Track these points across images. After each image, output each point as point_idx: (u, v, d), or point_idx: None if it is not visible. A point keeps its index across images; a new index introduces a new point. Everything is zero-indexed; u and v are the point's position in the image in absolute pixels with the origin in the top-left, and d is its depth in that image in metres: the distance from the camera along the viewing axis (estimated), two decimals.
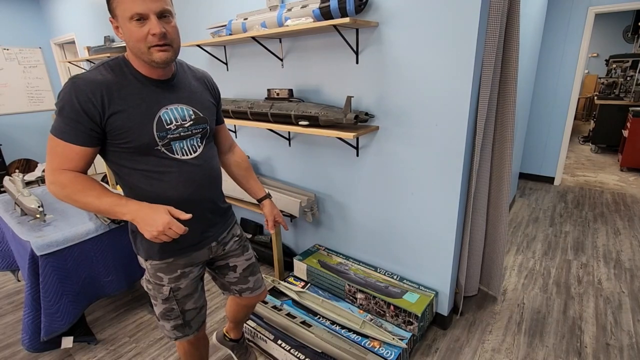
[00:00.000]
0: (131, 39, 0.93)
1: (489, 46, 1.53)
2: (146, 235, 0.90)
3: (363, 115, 1.77)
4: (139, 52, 0.95)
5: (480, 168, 1.79)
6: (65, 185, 0.92)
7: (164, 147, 1.01)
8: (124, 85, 0.96)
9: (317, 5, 1.70)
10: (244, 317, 1.58)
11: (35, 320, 1.67)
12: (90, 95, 0.90)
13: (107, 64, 0.98)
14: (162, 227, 0.89)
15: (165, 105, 1.02)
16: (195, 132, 1.09)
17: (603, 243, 2.84)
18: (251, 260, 1.39)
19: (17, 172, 2.40)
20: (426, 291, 1.90)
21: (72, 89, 0.90)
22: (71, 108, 0.90)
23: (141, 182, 1.02)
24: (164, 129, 1.01)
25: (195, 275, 1.20)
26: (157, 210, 0.91)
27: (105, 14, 3.56)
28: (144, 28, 0.91)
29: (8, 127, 4.72)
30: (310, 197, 2.22)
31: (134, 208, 0.92)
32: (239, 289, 1.38)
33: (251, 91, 2.43)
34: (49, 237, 1.68)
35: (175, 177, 1.04)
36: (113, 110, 0.94)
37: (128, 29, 0.92)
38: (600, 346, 1.81)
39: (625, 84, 6.05)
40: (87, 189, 0.93)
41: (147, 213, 0.91)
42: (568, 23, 3.76)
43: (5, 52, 4.58)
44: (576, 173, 4.65)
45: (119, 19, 0.93)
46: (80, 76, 0.92)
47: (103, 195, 0.93)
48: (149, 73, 1.01)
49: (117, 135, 0.96)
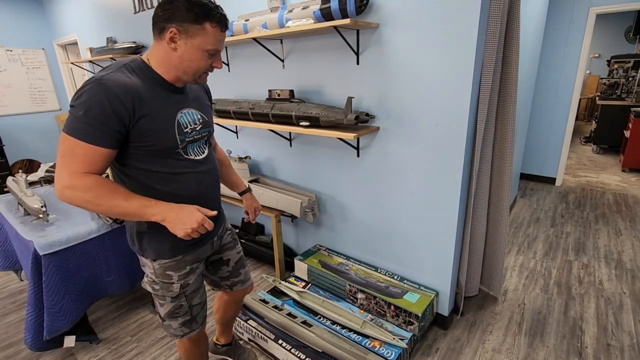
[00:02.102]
0: (192, 63, 0.99)
1: (489, 47, 1.54)
2: (179, 234, 0.93)
3: (364, 116, 1.78)
4: (190, 72, 1.01)
5: (480, 168, 1.80)
6: (89, 189, 0.89)
7: (182, 149, 1.06)
8: (148, 89, 0.97)
9: (318, 7, 1.71)
10: (232, 315, 1.61)
11: (38, 319, 1.68)
12: (122, 97, 0.89)
13: (128, 65, 0.97)
14: (197, 225, 0.93)
15: (180, 110, 1.05)
16: (203, 135, 1.14)
17: (604, 244, 2.84)
18: (241, 254, 1.45)
19: (20, 173, 2.41)
20: (427, 291, 1.90)
21: (101, 90, 0.87)
22: (101, 109, 0.87)
23: (156, 183, 1.04)
24: (183, 132, 1.04)
25: (201, 270, 1.25)
26: (188, 210, 0.95)
27: (108, 15, 3.58)
28: (210, 60, 1.01)
29: (11, 127, 4.75)
30: (311, 198, 2.22)
31: (165, 208, 0.94)
32: (230, 283, 1.43)
33: (252, 92, 2.44)
34: (51, 236, 1.70)
35: (190, 177, 1.09)
36: (141, 114, 0.94)
37: (195, 56, 0.98)
38: (601, 347, 1.81)
39: (627, 84, 6.04)
40: (114, 192, 0.92)
41: (179, 213, 0.94)
42: (569, 23, 3.76)
43: (9, 53, 4.61)
44: (578, 174, 4.64)
45: (189, 43, 0.96)
46: (107, 77, 0.90)
47: (130, 197, 0.93)
48: (174, 80, 1.03)
49: (142, 138, 0.96)
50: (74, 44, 4.59)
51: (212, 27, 0.96)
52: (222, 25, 0.98)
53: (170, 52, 0.97)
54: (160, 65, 1.00)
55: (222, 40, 1.01)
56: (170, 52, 0.97)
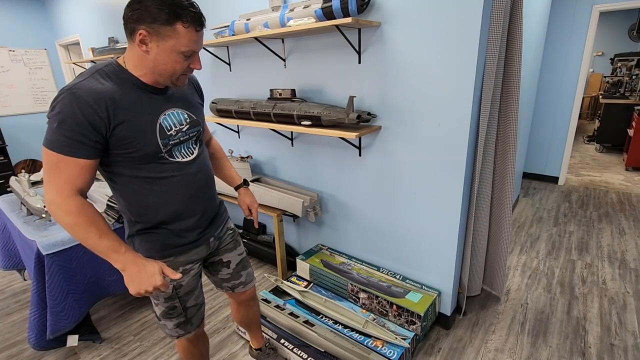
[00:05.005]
0: (167, 66, 0.93)
1: (492, 45, 1.53)
2: (130, 289, 0.94)
3: (365, 115, 1.77)
4: (166, 75, 0.96)
5: (483, 167, 1.79)
6: (70, 213, 0.88)
7: (167, 153, 1.02)
8: (125, 94, 0.93)
9: (320, 6, 1.71)
10: (250, 318, 1.58)
11: (41, 318, 1.69)
12: (95, 106, 0.86)
13: (101, 70, 0.93)
14: (151, 289, 0.94)
15: (163, 112, 1.01)
16: (191, 136, 1.10)
17: (608, 243, 2.83)
18: (243, 255, 1.42)
19: (23, 173, 2.42)
20: (429, 291, 1.90)
21: (72, 100, 0.84)
22: (74, 120, 0.84)
23: (143, 188, 1.02)
24: (166, 136, 1.01)
25: (195, 272, 1.22)
26: (150, 271, 0.94)
27: (110, 16, 3.59)
28: (186, 61, 0.96)
29: (14, 128, 4.77)
30: (312, 197, 2.22)
31: (130, 260, 0.93)
32: (231, 285, 1.41)
33: (254, 91, 2.44)
34: (54, 236, 1.70)
35: (177, 180, 1.06)
36: (118, 121, 0.91)
37: (170, 58, 0.92)
38: (604, 346, 1.80)
39: (631, 82, 6.00)
40: (91, 224, 0.90)
41: (140, 271, 0.93)
42: (572, 21, 3.74)
43: (11, 54, 4.63)
44: (581, 173, 4.62)
45: (162, 46, 0.90)
46: (78, 86, 0.86)
47: (104, 236, 0.91)
48: (152, 83, 0.99)
49: (121, 145, 0.93)
50: (76, 44, 4.61)
51: (185, 27, 0.89)
52: (196, 24, 0.91)
53: (143, 55, 0.92)
54: (136, 68, 0.96)
55: (197, 40, 0.94)
56: (143, 54, 0.92)
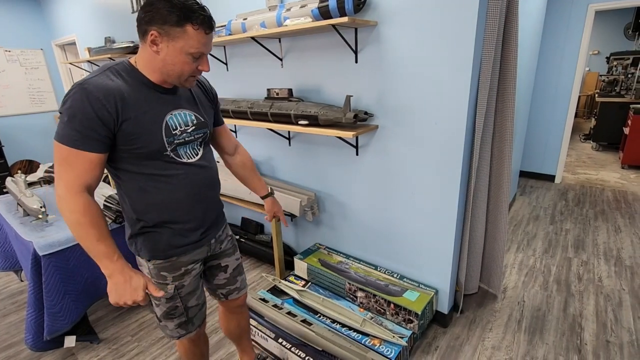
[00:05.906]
0: (176, 67, 0.96)
1: (488, 44, 1.54)
2: (110, 297, 1.00)
3: (362, 115, 1.77)
4: (174, 75, 0.98)
5: (479, 166, 1.80)
6: (74, 211, 0.91)
7: (172, 152, 1.04)
8: (133, 92, 0.96)
9: (316, 5, 1.71)
10: (239, 328, 1.53)
11: (38, 319, 1.69)
12: (104, 101, 0.89)
13: (113, 68, 0.97)
14: (130, 302, 1.00)
15: (169, 111, 1.03)
16: (197, 137, 1.11)
17: (604, 241, 2.84)
18: (239, 260, 1.42)
19: (20, 173, 2.41)
20: (426, 289, 1.91)
21: (83, 95, 0.87)
22: (84, 115, 0.87)
23: (148, 185, 1.03)
24: (171, 135, 1.03)
25: (197, 272, 1.22)
26: (135, 285, 1.00)
27: (106, 15, 3.57)
28: (195, 63, 0.98)
29: (10, 128, 4.75)
30: (310, 196, 2.23)
31: (118, 270, 0.98)
32: (226, 292, 1.38)
33: (251, 91, 2.44)
34: (51, 237, 1.70)
35: (182, 179, 1.07)
36: (125, 117, 0.93)
37: (178, 59, 0.95)
38: (600, 343, 1.82)
39: (626, 81, 6.04)
40: (92, 227, 0.93)
41: (125, 282, 0.99)
42: (568, 20, 3.75)
43: (7, 54, 4.61)
44: (577, 171, 4.64)
45: (172, 46, 0.93)
46: (89, 81, 0.90)
47: (102, 240, 0.95)
48: (160, 82, 1.02)
49: (127, 141, 0.96)
50: (72, 44, 4.59)
51: (195, 29, 0.92)
52: (205, 27, 0.94)
53: (153, 55, 0.95)
54: (146, 67, 0.99)
55: (206, 42, 0.97)
56: (154, 55, 0.95)
